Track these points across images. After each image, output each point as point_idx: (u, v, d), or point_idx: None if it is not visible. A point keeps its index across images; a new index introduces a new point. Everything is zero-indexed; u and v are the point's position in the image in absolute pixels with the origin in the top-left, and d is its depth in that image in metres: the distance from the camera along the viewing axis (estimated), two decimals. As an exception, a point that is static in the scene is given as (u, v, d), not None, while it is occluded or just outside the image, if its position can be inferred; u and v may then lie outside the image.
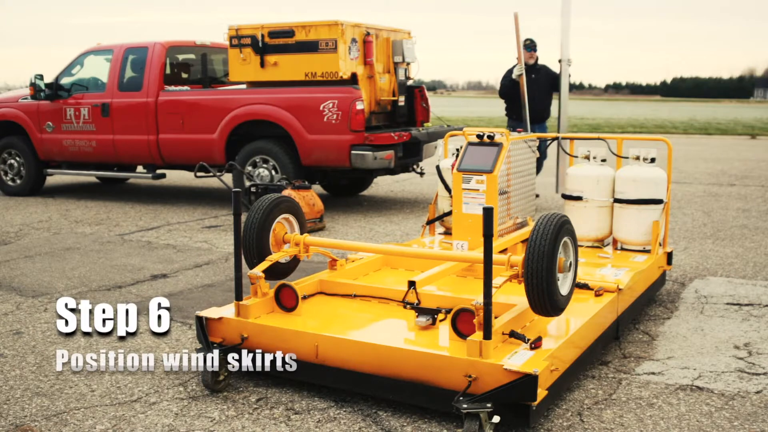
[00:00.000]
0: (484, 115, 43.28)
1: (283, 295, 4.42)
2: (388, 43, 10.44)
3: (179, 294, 6.04)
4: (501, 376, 3.49)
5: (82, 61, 11.59)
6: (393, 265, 5.51)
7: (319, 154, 9.67)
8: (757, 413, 3.87)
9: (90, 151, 11.24)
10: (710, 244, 7.99)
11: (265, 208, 4.51)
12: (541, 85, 10.35)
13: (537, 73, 10.38)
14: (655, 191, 5.76)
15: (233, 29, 10.06)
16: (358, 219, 9.72)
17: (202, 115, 10.35)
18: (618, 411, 3.90)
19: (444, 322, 4.08)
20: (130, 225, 9.31)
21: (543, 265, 3.68)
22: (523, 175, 5.65)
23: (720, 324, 5.31)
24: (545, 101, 10.53)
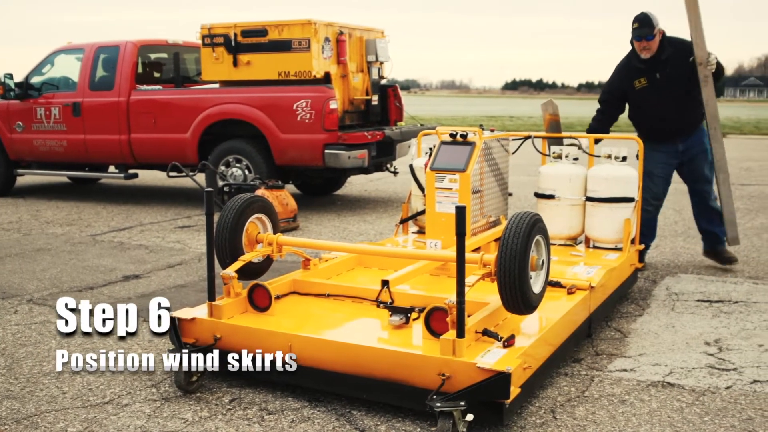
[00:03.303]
0: (458, 114, 43.46)
1: (256, 295, 4.40)
2: (362, 42, 10.43)
3: (151, 295, 5.99)
4: (474, 375, 3.50)
5: (52, 60, 11.49)
6: (366, 264, 5.51)
7: (292, 153, 9.65)
8: (727, 408, 3.91)
9: (61, 151, 11.13)
10: (681, 241, 8.06)
11: (237, 208, 4.49)
12: (674, 86, 6.45)
13: (663, 68, 6.46)
14: (627, 189, 5.81)
15: (206, 28, 10.02)
16: (331, 218, 9.71)
17: (174, 114, 10.29)
18: (590, 408, 3.93)
19: (417, 321, 4.09)
20: (102, 225, 9.24)
21: (515, 264, 3.69)
22: (497, 174, 5.67)
23: (691, 321, 5.36)
24: (688, 106, 6.51)
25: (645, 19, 6.33)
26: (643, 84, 6.53)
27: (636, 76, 6.54)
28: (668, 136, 6.58)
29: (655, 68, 6.46)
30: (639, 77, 6.52)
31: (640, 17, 6.35)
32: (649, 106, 6.57)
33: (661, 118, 6.53)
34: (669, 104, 6.47)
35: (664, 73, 6.44)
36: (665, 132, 6.57)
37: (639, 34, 6.34)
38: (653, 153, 6.58)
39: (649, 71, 6.48)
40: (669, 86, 6.46)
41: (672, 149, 6.60)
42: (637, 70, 6.52)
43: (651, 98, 6.52)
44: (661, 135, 6.58)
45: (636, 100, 6.65)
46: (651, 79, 6.49)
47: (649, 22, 6.30)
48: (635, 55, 6.51)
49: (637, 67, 6.52)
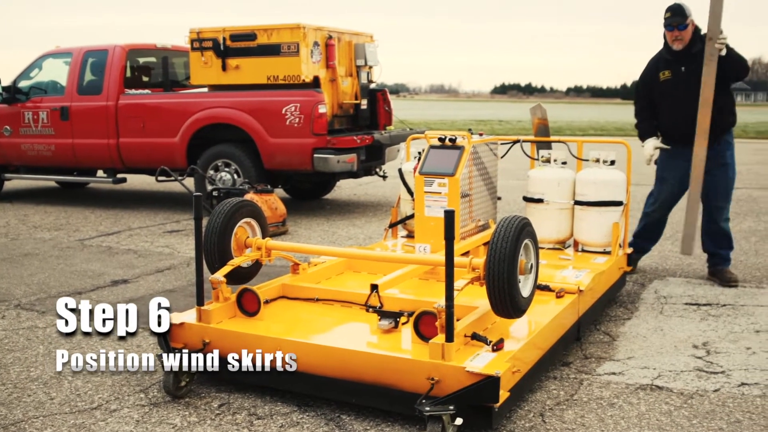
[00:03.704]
0: (447, 118, 43.52)
1: (245, 300, 4.40)
2: (351, 47, 10.44)
3: (140, 299, 5.98)
4: (463, 379, 3.50)
5: (40, 64, 11.45)
6: (356, 268, 5.50)
7: (281, 157, 9.64)
8: (715, 411, 3.93)
9: (49, 156, 11.09)
10: (669, 245, 8.09)
11: (226, 213, 4.49)
12: (698, 84, 5.97)
13: (690, 62, 6.12)
14: (615, 193, 5.83)
15: (194, 32, 10.01)
16: (320, 223, 9.71)
17: (163, 118, 10.27)
18: (579, 411, 3.94)
19: (406, 325, 4.08)
20: (90, 230, 9.20)
21: (504, 268, 3.70)
22: (485, 178, 5.68)
23: (679, 324, 5.38)
24: (713, 109, 5.98)
25: (678, 8, 6.06)
26: (667, 77, 6.25)
27: (662, 68, 6.28)
28: (686, 139, 6.09)
29: (681, 61, 6.16)
30: (664, 69, 6.26)
31: (673, 6, 6.07)
32: (669, 102, 6.25)
33: (680, 116, 6.13)
34: (690, 103, 6.01)
35: (690, 68, 6.08)
36: (683, 134, 6.13)
37: (671, 22, 6.07)
38: (670, 159, 6.34)
39: (675, 63, 6.20)
40: (693, 83, 6.00)
41: (690, 156, 6.12)
42: (665, 61, 6.27)
43: (672, 93, 6.20)
44: (679, 137, 6.23)
45: (658, 94, 6.35)
46: (675, 72, 6.20)
47: (682, 12, 6.03)
48: (666, 46, 6.22)
49: (666, 58, 6.26)
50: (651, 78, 6.34)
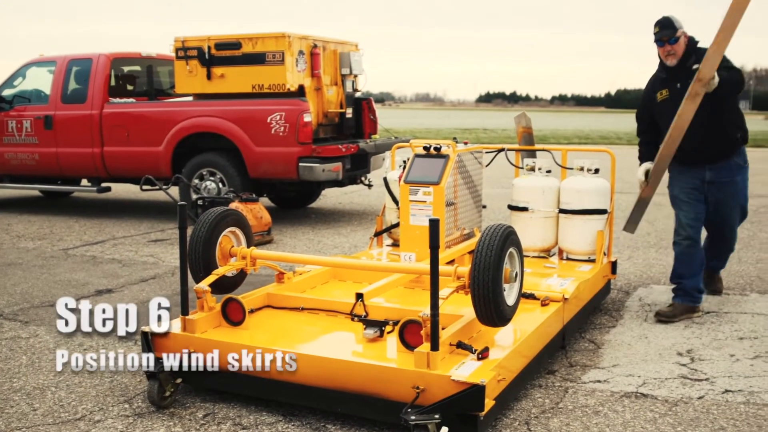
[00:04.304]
0: (432, 126, 43.59)
1: (230, 309, 4.38)
2: (336, 55, 10.45)
3: (124, 309, 5.95)
4: (449, 387, 3.50)
5: (24, 73, 11.40)
6: (341, 277, 5.50)
7: (266, 166, 9.63)
8: (699, 419, 3.95)
9: (33, 164, 11.03)
10: (653, 252, 8.13)
11: (211, 222, 4.47)
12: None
13: (686, 77, 5.52)
14: (599, 202, 5.85)
15: (179, 41, 9.98)
16: (306, 231, 9.70)
17: (147, 127, 10.23)
18: (565, 419, 3.94)
19: (392, 334, 4.08)
20: (74, 239, 9.16)
21: (489, 276, 3.71)
22: (470, 187, 5.69)
23: (663, 331, 5.40)
24: (715, 130, 5.59)
25: (666, 21, 5.62)
26: (665, 96, 5.74)
27: (659, 88, 5.80)
28: (691, 159, 5.71)
29: (677, 77, 5.65)
30: (661, 89, 5.78)
31: (661, 20, 5.65)
32: (669, 122, 5.57)
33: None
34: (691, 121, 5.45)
35: (686, 83, 5.45)
36: (686, 152, 5.62)
37: (660, 37, 5.62)
38: (678, 175, 5.86)
39: (671, 81, 5.72)
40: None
41: (698, 175, 5.75)
42: (661, 80, 5.81)
43: (672, 112, 5.54)
44: (682, 156, 5.69)
45: (657, 115, 5.84)
46: (672, 91, 5.69)
47: (671, 24, 5.59)
48: (661, 64, 5.78)
49: (661, 77, 5.81)
50: (649, 99, 5.90)
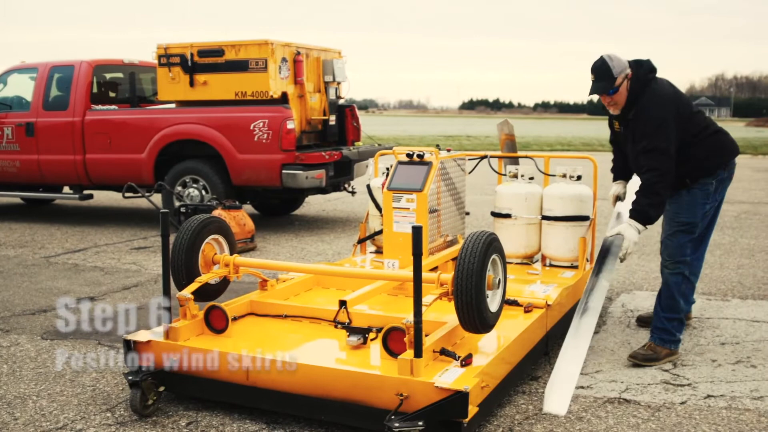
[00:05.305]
0: (415, 133, 43.66)
1: (212, 317, 4.36)
2: (319, 63, 10.46)
3: (107, 318, 5.91)
4: (432, 394, 3.50)
5: (5, 80, 11.34)
6: (324, 284, 5.49)
7: (249, 173, 9.61)
8: (682, 424, 3.97)
9: (14, 172, 10.96)
10: (636, 258, 8.17)
11: (193, 229, 4.46)
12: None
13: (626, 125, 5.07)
14: (582, 208, 5.88)
15: (162, 48, 9.95)
16: (289, 239, 9.68)
17: (130, 134, 10.19)
18: (548, 426, 3.95)
19: (375, 341, 4.08)
20: (56, 247, 9.10)
21: (472, 283, 3.71)
22: (453, 194, 5.70)
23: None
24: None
25: (601, 69, 4.85)
26: (618, 128, 5.22)
27: (613, 117, 5.19)
28: None
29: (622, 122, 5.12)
30: (615, 119, 5.19)
31: (595, 66, 4.89)
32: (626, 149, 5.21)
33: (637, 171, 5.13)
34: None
35: (627, 130, 5.05)
36: None
37: (595, 89, 4.91)
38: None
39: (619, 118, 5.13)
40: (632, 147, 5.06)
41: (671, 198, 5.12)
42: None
43: (626, 144, 5.18)
44: None
45: (618, 139, 5.37)
46: (622, 125, 5.14)
47: (608, 73, 4.82)
48: None
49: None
50: (611, 124, 5.32)
